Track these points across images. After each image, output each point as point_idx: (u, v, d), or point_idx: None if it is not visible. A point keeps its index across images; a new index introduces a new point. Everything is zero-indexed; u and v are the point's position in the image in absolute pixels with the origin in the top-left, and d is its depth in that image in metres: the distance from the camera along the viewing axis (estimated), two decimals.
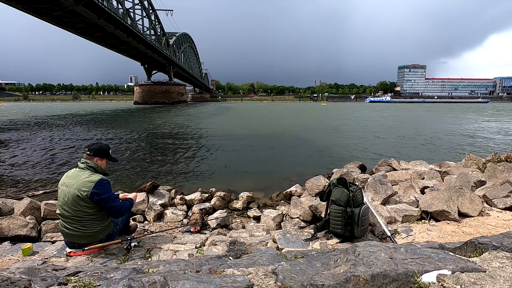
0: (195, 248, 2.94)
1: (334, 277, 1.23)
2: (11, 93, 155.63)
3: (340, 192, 2.78)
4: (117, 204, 2.61)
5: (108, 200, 2.54)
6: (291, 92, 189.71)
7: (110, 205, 2.55)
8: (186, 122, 23.81)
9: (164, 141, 13.47)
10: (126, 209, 2.79)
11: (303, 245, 2.77)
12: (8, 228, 3.22)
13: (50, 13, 30.73)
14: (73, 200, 2.49)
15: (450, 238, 2.64)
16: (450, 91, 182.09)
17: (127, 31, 41.75)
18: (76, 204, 2.50)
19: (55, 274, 1.45)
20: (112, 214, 2.64)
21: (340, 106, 78.64)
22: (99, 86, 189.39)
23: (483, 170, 4.56)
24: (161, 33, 61.13)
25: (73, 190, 2.49)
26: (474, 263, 1.24)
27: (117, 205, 2.61)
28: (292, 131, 18.38)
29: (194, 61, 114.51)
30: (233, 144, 12.86)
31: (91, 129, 18.51)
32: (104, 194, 2.52)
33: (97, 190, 2.49)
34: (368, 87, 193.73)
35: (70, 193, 2.50)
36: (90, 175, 2.55)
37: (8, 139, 13.32)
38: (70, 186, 2.52)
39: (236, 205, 5.00)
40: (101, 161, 2.72)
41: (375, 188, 3.85)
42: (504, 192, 3.40)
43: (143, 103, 69.30)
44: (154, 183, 4.85)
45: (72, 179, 2.55)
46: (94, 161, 2.67)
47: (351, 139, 14.37)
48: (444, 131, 17.76)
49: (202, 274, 1.44)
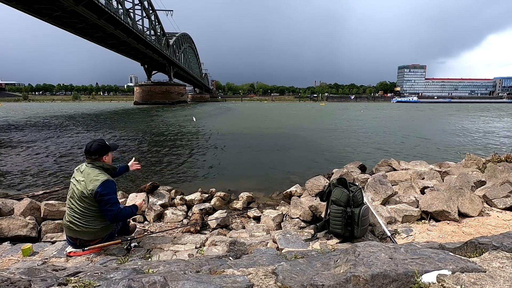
0: (195, 248, 2.94)
1: (334, 277, 1.23)
2: (11, 94, 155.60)
3: (340, 192, 2.78)
4: (116, 209, 2.59)
5: (108, 202, 2.54)
6: (291, 92, 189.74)
7: (107, 208, 2.55)
8: (186, 123, 23.81)
9: (164, 141, 13.47)
10: (125, 216, 2.76)
11: (303, 245, 2.77)
12: (8, 229, 3.22)
13: (50, 14, 30.75)
14: (79, 195, 2.53)
15: (450, 238, 2.64)
16: (450, 91, 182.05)
17: (127, 31, 41.75)
18: (82, 200, 2.54)
19: (55, 274, 1.45)
20: (109, 217, 2.60)
21: (352, 106, 76.78)
22: (99, 86, 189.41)
23: (483, 170, 4.55)
24: (161, 33, 61.14)
25: (81, 186, 2.54)
26: (474, 263, 1.24)
27: (114, 209, 2.58)
28: (292, 131, 18.38)
29: (194, 61, 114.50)
30: (233, 144, 12.87)
31: (91, 129, 18.51)
32: (106, 195, 2.53)
33: (101, 189, 2.51)
34: (368, 87, 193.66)
35: (78, 189, 2.54)
36: (98, 174, 2.59)
37: (8, 139, 13.32)
38: (79, 182, 2.56)
39: (236, 205, 5.00)
40: (108, 157, 2.76)
41: (375, 188, 3.84)
42: (504, 192, 3.40)
43: (143, 103, 69.29)
44: (154, 183, 4.84)
45: (83, 176, 2.59)
46: (103, 161, 2.71)
47: (351, 139, 14.37)
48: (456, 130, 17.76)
49: (202, 274, 1.44)
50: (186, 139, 14.22)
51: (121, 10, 39.00)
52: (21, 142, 12.73)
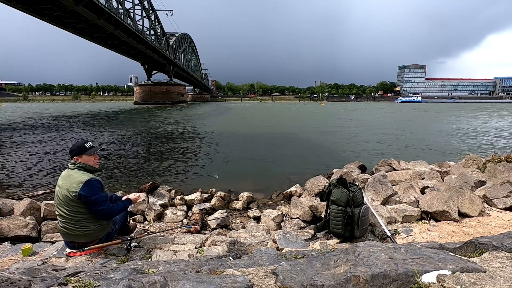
0: (195, 248, 2.94)
1: (334, 277, 1.23)
2: (11, 94, 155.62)
3: (340, 192, 2.77)
4: (105, 207, 2.53)
5: (95, 203, 2.48)
6: (291, 92, 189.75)
7: (96, 208, 2.49)
8: (186, 123, 23.81)
9: (164, 141, 13.47)
10: (117, 211, 2.70)
11: (303, 245, 2.77)
12: (8, 229, 3.22)
13: (50, 14, 30.73)
14: (65, 200, 2.48)
15: (450, 238, 2.64)
16: (450, 91, 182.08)
17: (127, 31, 41.73)
18: (68, 205, 2.48)
19: (55, 274, 1.45)
20: (99, 216, 2.56)
21: (353, 106, 77.40)
22: (99, 86, 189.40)
23: (483, 170, 4.55)
24: (161, 33, 61.13)
25: (63, 190, 2.48)
26: (474, 263, 1.24)
27: (104, 208, 2.52)
28: (292, 131, 18.38)
29: (194, 61, 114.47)
30: (233, 144, 12.87)
31: (92, 129, 18.51)
32: (91, 196, 2.46)
33: (85, 191, 2.43)
34: (368, 87, 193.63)
35: (62, 194, 2.48)
36: (79, 175, 2.51)
37: (8, 140, 13.32)
38: (62, 187, 2.50)
39: (236, 205, 5.00)
40: (82, 158, 2.60)
41: (375, 188, 3.84)
42: (504, 192, 3.40)
43: (143, 103, 69.29)
44: (154, 183, 4.85)
45: (64, 180, 2.53)
46: (76, 160, 2.60)
47: (351, 139, 14.37)
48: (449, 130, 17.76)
49: (202, 274, 1.44)
50: (186, 139, 14.22)
51: (121, 10, 38.98)
52: (21, 142, 12.73)
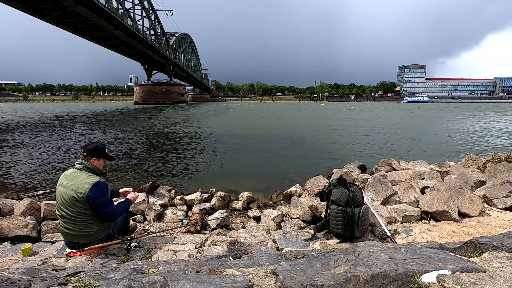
0: (195, 248, 2.94)
1: (334, 277, 1.23)
2: (11, 94, 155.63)
3: (340, 192, 2.78)
4: (110, 210, 2.57)
5: (102, 205, 2.51)
6: (291, 92, 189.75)
7: (103, 211, 2.52)
8: (186, 123, 23.81)
9: (164, 141, 13.47)
10: (119, 214, 2.74)
11: (303, 245, 2.77)
12: (8, 228, 3.22)
13: (50, 14, 30.72)
14: (70, 201, 2.48)
15: (450, 238, 2.64)
16: (450, 91, 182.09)
17: (127, 31, 41.73)
18: (73, 205, 2.48)
19: (55, 274, 1.45)
20: (104, 219, 2.59)
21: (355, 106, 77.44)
22: (99, 86, 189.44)
23: (483, 170, 4.55)
24: (161, 33, 61.12)
25: (70, 191, 2.47)
26: (474, 263, 1.24)
27: (109, 210, 2.57)
28: (292, 131, 18.38)
29: (194, 61, 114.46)
30: (233, 144, 12.86)
31: (92, 129, 18.51)
32: (99, 198, 2.49)
33: (93, 193, 2.46)
34: (368, 87, 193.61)
35: (67, 194, 2.48)
36: (87, 177, 2.53)
37: (8, 139, 13.32)
38: (68, 187, 2.50)
39: (236, 205, 5.00)
40: (98, 161, 2.68)
41: (375, 188, 3.84)
42: (504, 192, 3.40)
43: (143, 103, 69.31)
44: (154, 183, 4.85)
45: (70, 180, 2.53)
46: (91, 162, 2.64)
47: (351, 139, 14.37)
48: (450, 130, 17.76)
49: (202, 274, 1.44)
50: (186, 139, 14.22)
51: (121, 10, 38.96)
52: (21, 142, 12.73)
